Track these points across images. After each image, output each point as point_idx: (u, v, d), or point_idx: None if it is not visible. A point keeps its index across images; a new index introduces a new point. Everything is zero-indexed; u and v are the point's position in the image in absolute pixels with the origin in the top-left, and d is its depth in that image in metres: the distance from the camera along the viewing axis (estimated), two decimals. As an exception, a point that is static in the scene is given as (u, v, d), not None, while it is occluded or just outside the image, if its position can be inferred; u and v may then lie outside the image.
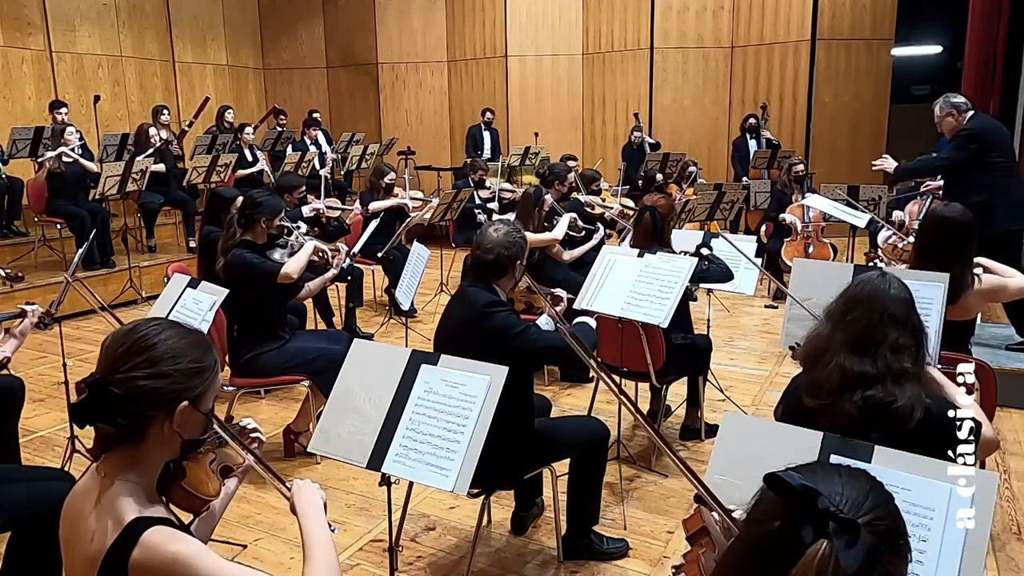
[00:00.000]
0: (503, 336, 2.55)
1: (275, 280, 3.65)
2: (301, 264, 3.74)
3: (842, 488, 0.91)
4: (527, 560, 2.95)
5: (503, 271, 2.70)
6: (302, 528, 1.54)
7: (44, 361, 5.15)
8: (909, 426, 1.77)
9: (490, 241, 2.68)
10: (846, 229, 6.30)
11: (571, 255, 5.23)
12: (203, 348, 1.45)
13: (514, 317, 2.64)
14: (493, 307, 2.60)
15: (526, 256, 2.77)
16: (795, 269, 3.28)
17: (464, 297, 2.70)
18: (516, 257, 2.70)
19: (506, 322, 2.59)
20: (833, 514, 0.85)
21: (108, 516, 1.34)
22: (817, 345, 1.94)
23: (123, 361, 1.37)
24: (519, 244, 2.71)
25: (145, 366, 1.37)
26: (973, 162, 4.71)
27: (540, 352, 2.65)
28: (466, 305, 2.66)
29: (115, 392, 1.35)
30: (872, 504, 0.91)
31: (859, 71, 9.88)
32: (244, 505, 3.31)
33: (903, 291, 1.93)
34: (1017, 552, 2.96)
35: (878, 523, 0.89)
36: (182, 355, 1.40)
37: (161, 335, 1.41)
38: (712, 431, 3.90)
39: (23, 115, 8.64)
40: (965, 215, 3.10)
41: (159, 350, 1.39)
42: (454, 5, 11.71)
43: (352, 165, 9.29)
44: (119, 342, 1.40)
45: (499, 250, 2.66)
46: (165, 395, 1.38)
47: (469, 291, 2.69)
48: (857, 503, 0.90)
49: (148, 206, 7.56)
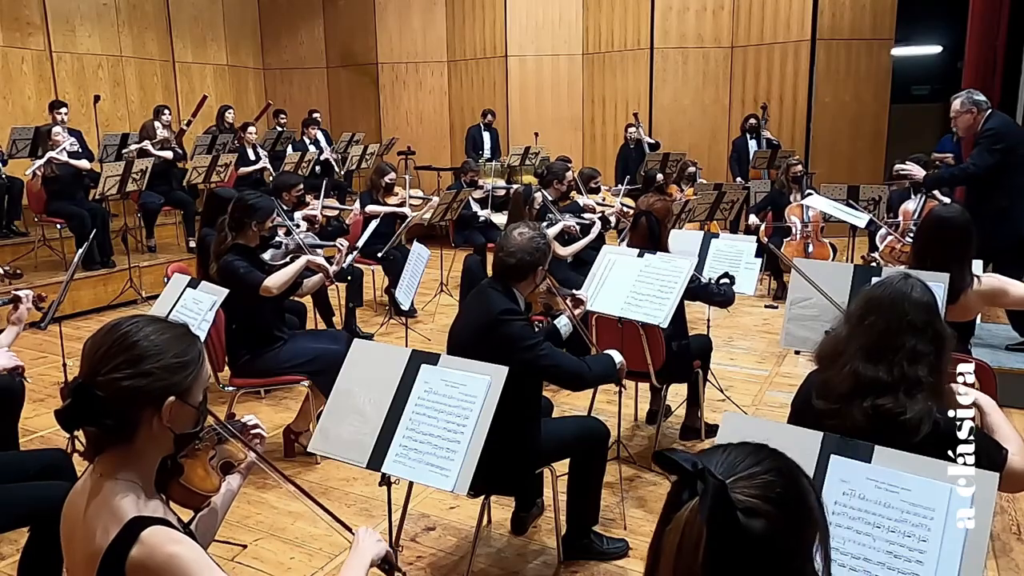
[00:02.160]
0: (514, 346, 2.55)
1: (257, 292, 3.59)
2: (284, 281, 3.66)
3: (724, 455, 0.99)
4: (527, 560, 2.95)
5: (524, 275, 2.71)
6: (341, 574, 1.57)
7: (44, 361, 5.15)
8: (915, 439, 1.72)
9: (513, 245, 2.68)
10: (846, 229, 6.30)
11: (569, 251, 5.23)
12: (185, 341, 1.43)
13: (529, 329, 2.65)
14: (509, 315, 2.60)
15: (548, 262, 2.78)
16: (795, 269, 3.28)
17: (483, 297, 2.70)
18: (538, 263, 2.71)
19: (520, 332, 2.59)
20: (701, 472, 0.92)
21: (107, 515, 1.35)
22: (833, 347, 1.90)
23: (104, 363, 1.36)
24: (542, 250, 2.71)
25: (126, 366, 1.35)
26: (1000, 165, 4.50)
27: (545, 369, 2.64)
28: (483, 306, 2.66)
29: (99, 395, 1.34)
30: (751, 463, 0.97)
31: (859, 71, 9.88)
32: (244, 505, 3.31)
33: (926, 295, 1.86)
34: (1017, 552, 2.96)
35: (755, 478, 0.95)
36: (163, 351, 1.39)
37: (140, 332, 1.39)
38: (712, 431, 3.90)
39: (23, 115, 8.65)
40: (964, 216, 3.09)
41: (139, 348, 1.37)
42: (454, 5, 11.71)
43: (352, 165, 9.29)
44: (99, 343, 1.39)
45: (521, 255, 2.67)
46: (150, 393, 1.36)
47: (489, 292, 2.69)
48: (732, 465, 0.97)
49: (148, 206, 7.56)
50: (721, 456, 0.99)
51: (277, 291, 3.65)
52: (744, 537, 0.91)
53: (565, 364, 2.66)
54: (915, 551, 1.49)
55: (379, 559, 1.64)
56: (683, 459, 0.94)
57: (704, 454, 1.00)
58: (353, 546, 1.64)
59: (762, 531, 0.92)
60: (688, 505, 0.93)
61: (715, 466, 0.95)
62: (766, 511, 0.92)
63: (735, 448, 1.01)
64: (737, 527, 0.91)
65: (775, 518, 0.93)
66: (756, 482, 0.94)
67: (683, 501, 0.94)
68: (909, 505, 1.52)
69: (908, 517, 1.52)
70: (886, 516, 1.53)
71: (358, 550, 1.62)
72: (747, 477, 0.95)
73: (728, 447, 1.02)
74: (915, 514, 1.51)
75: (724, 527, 0.90)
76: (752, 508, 0.92)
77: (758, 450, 1.00)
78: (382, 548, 1.65)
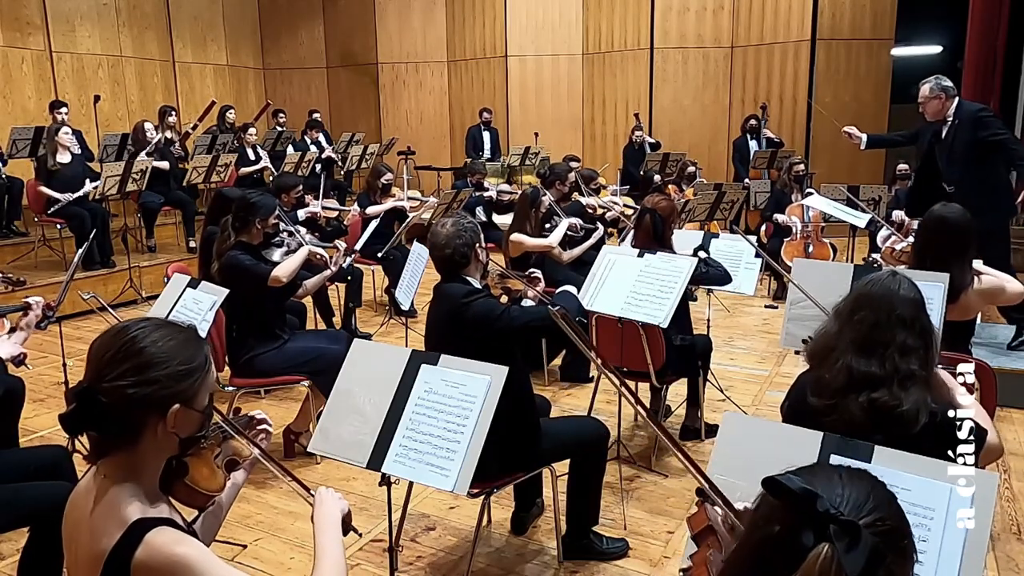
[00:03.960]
0: (485, 321, 2.57)
1: (266, 283, 3.65)
2: (292, 269, 3.73)
3: (842, 490, 0.91)
4: (527, 560, 2.95)
5: (466, 260, 2.72)
6: (316, 540, 1.54)
7: (44, 361, 5.15)
8: (913, 430, 1.76)
9: (442, 238, 2.70)
10: (846, 229, 6.30)
11: (570, 255, 5.23)
12: (193, 347, 1.42)
13: (493, 301, 2.68)
14: (471, 296, 2.63)
15: (482, 237, 2.79)
16: (795, 269, 3.28)
17: (441, 295, 2.73)
18: (472, 242, 2.72)
19: (486, 306, 2.61)
20: (833, 516, 0.85)
21: (110, 516, 1.34)
22: (825, 344, 1.93)
23: (110, 368, 1.34)
24: (470, 229, 2.73)
25: (132, 373, 1.34)
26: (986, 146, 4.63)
27: (524, 328, 2.64)
28: (445, 301, 2.69)
29: (103, 400, 1.33)
30: (873, 504, 0.90)
31: (859, 71, 9.89)
32: (244, 505, 3.31)
33: (912, 291, 1.90)
34: (1017, 552, 2.95)
35: (880, 524, 0.88)
36: (170, 358, 1.37)
37: (148, 338, 1.37)
38: (712, 431, 3.90)
39: (23, 115, 8.65)
40: (964, 215, 3.10)
41: (146, 355, 1.36)
42: (454, 5, 11.71)
43: (352, 165, 9.29)
44: (105, 347, 1.37)
45: (453, 242, 2.69)
46: (155, 401, 1.35)
47: (444, 288, 2.72)
48: (858, 504, 0.89)
49: (148, 206, 7.56)
50: (838, 489, 0.91)
51: (286, 279, 3.69)
52: None
53: (539, 315, 2.64)
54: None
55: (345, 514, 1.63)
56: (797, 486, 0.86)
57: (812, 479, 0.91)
58: (317, 507, 1.61)
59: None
60: (821, 554, 0.84)
61: (839, 503, 0.88)
62: (891, 559, 0.88)
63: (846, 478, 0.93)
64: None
65: (897, 566, 0.89)
66: (883, 529, 0.88)
67: (804, 545, 0.85)
68: (909, 505, 1.51)
69: (908, 517, 1.51)
70: (886, 516, 1.53)
71: (324, 511, 1.59)
72: (875, 523, 0.88)
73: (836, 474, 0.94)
74: (915, 514, 1.51)
75: None
76: (883, 558, 0.87)
77: (871, 484, 0.94)
78: (345, 505, 1.64)
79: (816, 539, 0.85)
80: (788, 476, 0.89)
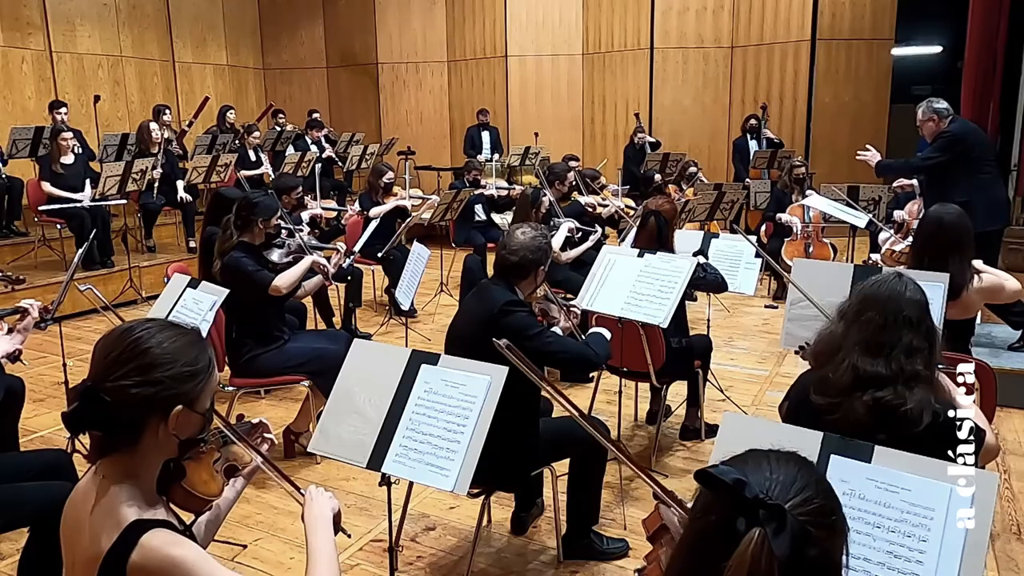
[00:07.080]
0: (519, 336, 2.53)
1: (266, 292, 3.65)
2: (294, 280, 3.74)
3: (771, 474, 0.94)
4: (527, 560, 2.95)
5: (525, 274, 2.73)
6: (308, 540, 1.53)
7: (44, 361, 5.15)
8: (916, 430, 1.77)
9: (516, 243, 2.70)
10: (846, 229, 6.30)
11: (569, 256, 5.24)
12: (197, 349, 1.43)
13: (532, 319, 2.68)
14: (512, 306, 2.63)
15: (549, 263, 2.79)
16: (795, 269, 3.28)
17: (484, 293, 2.72)
18: (540, 262, 2.73)
19: (524, 322, 2.62)
20: (762, 501, 0.88)
21: (108, 517, 1.34)
22: (829, 343, 1.94)
23: (114, 368, 1.35)
24: (544, 250, 2.74)
25: (136, 373, 1.35)
26: (953, 164, 4.93)
27: (553, 356, 2.68)
28: (485, 299, 2.68)
29: (106, 400, 1.33)
30: (801, 485, 0.93)
31: (859, 71, 9.88)
32: (244, 505, 3.31)
33: (918, 293, 1.93)
34: (1017, 552, 2.96)
35: (807, 503, 0.92)
36: (174, 360, 1.38)
37: (153, 339, 1.38)
38: (712, 431, 3.90)
39: (23, 115, 8.64)
40: (961, 214, 3.14)
41: (150, 356, 1.36)
42: (454, 5, 11.71)
43: (352, 165, 9.29)
44: (110, 347, 1.38)
45: (524, 253, 2.69)
46: (158, 402, 1.36)
47: (491, 287, 2.72)
48: (785, 487, 0.92)
49: (148, 206, 7.55)
50: (767, 474, 0.94)
51: (286, 291, 3.70)
52: (808, 566, 0.89)
53: (572, 348, 2.72)
54: (915, 551, 1.49)
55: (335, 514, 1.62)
56: (728, 476, 0.89)
57: (744, 467, 0.95)
58: (307, 507, 1.60)
59: (817, 556, 0.90)
60: (752, 539, 0.86)
61: (768, 488, 0.91)
62: (819, 537, 0.90)
63: (775, 462, 0.96)
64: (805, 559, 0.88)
65: (827, 542, 0.91)
66: (810, 508, 0.91)
67: (738, 531, 0.88)
68: (909, 505, 1.52)
69: (908, 517, 1.52)
70: (886, 516, 1.53)
71: (315, 511, 1.58)
72: (802, 503, 0.91)
73: (766, 459, 0.97)
74: (915, 514, 1.51)
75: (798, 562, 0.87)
76: (810, 537, 0.89)
77: (799, 465, 0.96)
78: (336, 504, 1.64)
79: (748, 525, 0.88)
80: (719, 467, 0.92)
